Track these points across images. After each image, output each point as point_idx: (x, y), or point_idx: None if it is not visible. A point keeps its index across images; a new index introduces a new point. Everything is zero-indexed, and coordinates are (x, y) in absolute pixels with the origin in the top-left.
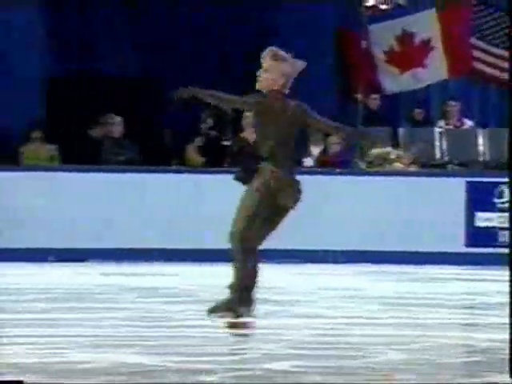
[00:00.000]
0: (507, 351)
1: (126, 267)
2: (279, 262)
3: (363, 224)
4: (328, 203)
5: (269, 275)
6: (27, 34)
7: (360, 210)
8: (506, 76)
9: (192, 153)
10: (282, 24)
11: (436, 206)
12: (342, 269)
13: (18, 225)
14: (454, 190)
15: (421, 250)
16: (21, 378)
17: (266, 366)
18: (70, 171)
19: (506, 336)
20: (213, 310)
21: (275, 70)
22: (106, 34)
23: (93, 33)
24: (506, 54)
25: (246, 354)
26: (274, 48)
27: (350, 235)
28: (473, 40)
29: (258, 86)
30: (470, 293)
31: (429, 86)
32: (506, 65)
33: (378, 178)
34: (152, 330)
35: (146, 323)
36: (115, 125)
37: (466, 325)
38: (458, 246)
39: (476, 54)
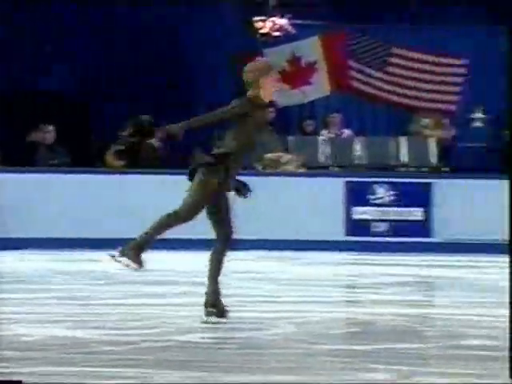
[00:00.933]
0: (384, 323)
1: (53, 255)
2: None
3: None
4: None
5: (185, 261)
6: None
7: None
8: (377, 93)
9: (110, 157)
10: (191, 39)
11: (319, 201)
12: (247, 255)
13: None
14: (334, 188)
15: (309, 238)
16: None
17: (179, 337)
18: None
19: (383, 310)
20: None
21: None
22: (42, 52)
23: (30, 52)
24: (377, 74)
25: (161, 327)
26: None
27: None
28: (350, 62)
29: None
30: (350, 274)
31: (314, 100)
32: (378, 83)
33: (272, 178)
34: (80, 307)
35: (75, 302)
36: (48, 133)
37: (349, 301)
38: (339, 235)
39: (353, 74)
